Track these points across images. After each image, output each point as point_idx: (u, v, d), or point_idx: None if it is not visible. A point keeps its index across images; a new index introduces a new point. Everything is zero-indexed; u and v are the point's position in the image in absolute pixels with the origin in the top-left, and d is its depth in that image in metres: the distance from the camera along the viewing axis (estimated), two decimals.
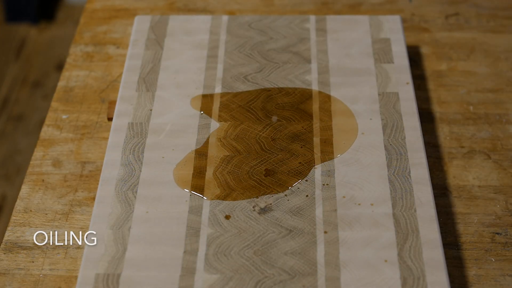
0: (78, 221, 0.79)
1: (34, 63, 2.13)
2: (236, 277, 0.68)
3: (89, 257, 0.69)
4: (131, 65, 0.88)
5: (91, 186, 0.83)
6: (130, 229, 0.72)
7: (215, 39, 0.92)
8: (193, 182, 0.76)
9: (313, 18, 0.95)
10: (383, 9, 1.07)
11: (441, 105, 0.92)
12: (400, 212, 0.73)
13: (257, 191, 0.75)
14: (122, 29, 1.04)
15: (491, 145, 0.87)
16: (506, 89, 0.94)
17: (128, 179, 0.76)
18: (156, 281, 0.68)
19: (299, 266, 0.69)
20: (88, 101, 0.93)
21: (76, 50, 1.01)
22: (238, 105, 0.84)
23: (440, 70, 0.97)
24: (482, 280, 0.74)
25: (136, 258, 0.69)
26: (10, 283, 0.74)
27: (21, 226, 0.79)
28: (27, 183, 0.83)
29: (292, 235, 0.71)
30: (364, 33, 0.92)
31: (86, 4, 1.09)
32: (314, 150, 0.79)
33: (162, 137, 0.80)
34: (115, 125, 0.82)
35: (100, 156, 0.86)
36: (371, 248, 0.70)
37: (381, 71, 0.87)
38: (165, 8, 1.08)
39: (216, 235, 0.71)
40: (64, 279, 0.74)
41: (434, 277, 0.67)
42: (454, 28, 1.04)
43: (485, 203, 0.81)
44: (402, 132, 0.80)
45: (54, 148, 0.87)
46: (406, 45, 0.91)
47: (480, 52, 1.00)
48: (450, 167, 0.85)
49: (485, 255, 0.76)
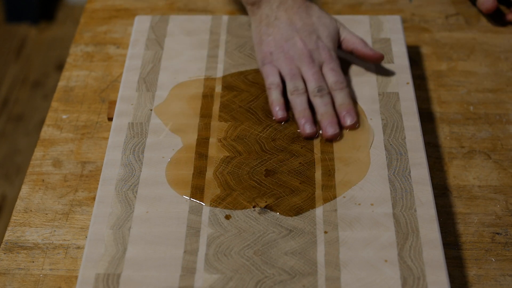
0: (78, 221, 0.79)
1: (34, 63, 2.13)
2: (236, 277, 0.68)
3: (89, 257, 0.69)
4: (131, 65, 0.88)
5: (91, 186, 0.83)
6: (130, 229, 0.72)
7: (215, 39, 0.92)
8: (193, 182, 0.76)
9: None
10: (383, 9, 1.07)
11: (441, 105, 0.92)
12: (400, 212, 0.73)
13: (257, 191, 0.75)
14: (122, 29, 1.04)
15: (491, 145, 0.87)
16: (506, 89, 0.94)
17: (128, 179, 0.76)
18: (156, 281, 0.68)
19: (299, 266, 0.69)
20: (88, 101, 0.93)
21: (76, 50, 1.01)
22: (238, 106, 0.84)
23: (440, 70, 0.97)
24: (482, 280, 0.74)
25: (136, 258, 0.69)
26: (10, 283, 0.74)
27: (21, 226, 0.79)
28: (27, 183, 0.83)
29: (292, 235, 0.71)
30: (364, 33, 0.92)
31: (86, 4, 1.09)
32: (314, 150, 0.79)
33: (162, 137, 0.80)
34: (115, 125, 0.82)
35: (100, 156, 0.86)
36: (371, 248, 0.70)
37: (381, 71, 0.87)
38: (165, 8, 1.08)
39: (216, 235, 0.71)
40: (64, 279, 0.74)
41: (434, 277, 0.67)
42: (454, 28, 1.04)
43: (485, 203, 0.81)
44: (402, 132, 0.80)
45: (54, 148, 0.87)
46: (406, 45, 0.91)
47: (480, 52, 1.00)
48: (450, 167, 0.85)
49: (485, 255, 0.76)
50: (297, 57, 0.84)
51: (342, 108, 0.81)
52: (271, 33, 0.86)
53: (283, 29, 0.86)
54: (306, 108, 0.81)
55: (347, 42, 0.87)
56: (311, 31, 0.86)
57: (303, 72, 0.84)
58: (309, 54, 0.84)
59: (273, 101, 0.82)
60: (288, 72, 0.84)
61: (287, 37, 0.85)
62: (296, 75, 0.84)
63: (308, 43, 0.85)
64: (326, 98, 0.82)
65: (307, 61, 0.84)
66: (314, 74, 0.83)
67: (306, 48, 0.84)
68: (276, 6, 0.87)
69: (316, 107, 0.82)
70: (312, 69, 0.83)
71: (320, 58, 0.84)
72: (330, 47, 0.85)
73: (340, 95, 0.82)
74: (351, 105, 0.81)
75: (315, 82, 0.83)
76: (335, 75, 0.83)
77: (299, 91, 0.82)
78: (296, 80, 0.83)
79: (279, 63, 0.85)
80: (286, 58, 0.84)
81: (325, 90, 0.82)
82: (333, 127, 0.79)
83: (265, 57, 0.86)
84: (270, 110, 0.82)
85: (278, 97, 0.82)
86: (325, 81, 0.83)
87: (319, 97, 0.82)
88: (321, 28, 0.86)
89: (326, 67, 0.84)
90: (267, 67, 0.85)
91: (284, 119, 0.81)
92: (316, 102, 0.82)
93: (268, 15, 0.87)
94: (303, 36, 0.85)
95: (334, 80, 0.83)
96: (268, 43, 0.86)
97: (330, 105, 0.81)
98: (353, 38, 0.87)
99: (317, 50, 0.84)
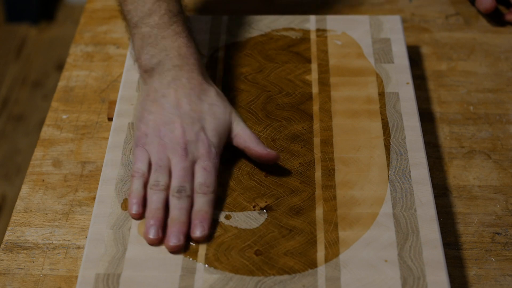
0: (78, 221, 0.79)
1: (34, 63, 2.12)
2: (236, 277, 0.68)
3: (89, 257, 0.69)
4: (131, 65, 0.88)
5: (91, 186, 0.83)
6: (130, 229, 0.72)
7: (215, 39, 0.92)
8: None
9: (313, 18, 0.95)
10: (383, 9, 1.07)
11: (441, 105, 0.92)
12: (400, 212, 0.73)
13: (257, 191, 0.75)
14: (122, 29, 1.04)
15: (491, 145, 0.87)
16: (506, 89, 0.94)
17: (128, 179, 0.76)
18: (156, 281, 0.68)
19: (299, 266, 0.69)
20: (88, 101, 0.93)
21: (76, 50, 1.01)
22: (239, 106, 0.84)
23: (440, 70, 0.97)
24: (482, 280, 0.74)
25: (136, 258, 0.69)
26: (10, 283, 0.74)
27: (21, 226, 0.79)
28: (27, 183, 0.83)
29: (292, 235, 0.71)
30: (364, 33, 0.92)
31: (86, 4, 1.09)
32: (314, 150, 0.79)
33: None
34: (115, 125, 0.82)
35: (100, 156, 0.86)
36: (371, 248, 0.70)
37: (381, 71, 0.87)
38: None
39: (216, 235, 0.71)
40: (64, 279, 0.74)
41: (434, 277, 0.67)
42: (454, 28, 1.04)
43: (485, 203, 0.81)
44: (402, 132, 0.80)
45: (54, 148, 0.87)
46: (406, 45, 0.91)
47: (480, 52, 1.00)
48: (450, 167, 0.85)
49: (485, 255, 0.76)
50: (170, 146, 0.74)
51: (197, 215, 0.71)
52: (153, 111, 0.76)
53: (167, 110, 0.76)
54: (159, 209, 0.72)
55: (239, 139, 0.77)
56: (195, 119, 0.75)
57: (172, 165, 0.74)
58: (184, 145, 0.74)
59: (132, 191, 0.73)
60: (156, 162, 0.74)
61: (167, 121, 0.75)
62: (162, 167, 0.74)
63: (188, 132, 0.75)
64: (184, 202, 0.72)
65: (179, 153, 0.74)
66: (181, 170, 0.73)
67: (183, 138, 0.74)
68: (167, 81, 0.77)
69: (170, 208, 0.72)
70: (181, 164, 0.73)
71: (196, 152, 0.74)
72: (213, 142, 0.75)
73: (201, 200, 0.72)
74: (208, 214, 0.72)
75: (178, 180, 0.73)
76: (205, 176, 0.73)
77: (159, 187, 0.73)
78: (160, 172, 0.73)
79: (151, 148, 0.75)
80: (159, 145, 0.74)
81: (185, 192, 0.72)
82: (177, 237, 0.70)
83: (140, 138, 0.76)
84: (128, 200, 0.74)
85: (139, 188, 0.73)
86: (191, 180, 0.73)
87: (176, 198, 0.72)
88: (209, 118, 0.76)
89: (199, 164, 0.74)
90: (138, 150, 0.75)
91: (138, 216, 0.72)
92: (172, 203, 0.72)
93: (156, 90, 0.77)
94: (184, 123, 0.75)
95: (201, 181, 0.73)
96: (147, 123, 0.76)
97: (185, 210, 0.72)
98: (246, 135, 0.77)
99: (196, 143, 0.74)
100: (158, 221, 0.71)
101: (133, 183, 0.73)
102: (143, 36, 0.79)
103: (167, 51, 0.78)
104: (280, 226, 0.72)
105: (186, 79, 0.78)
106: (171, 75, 0.78)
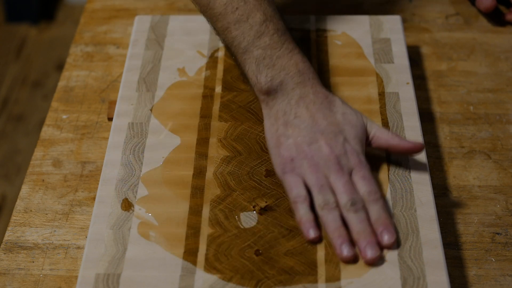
0: (78, 221, 0.79)
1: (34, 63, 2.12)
2: (236, 277, 0.68)
3: (89, 257, 0.69)
4: (131, 65, 0.88)
5: (91, 186, 0.83)
6: (130, 229, 0.72)
7: (215, 39, 0.92)
8: (193, 182, 0.76)
9: (313, 18, 0.95)
10: (383, 9, 1.07)
11: (441, 105, 0.92)
12: (400, 212, 0.73)
13: (257, 192, 0.75)
14: (122, 29, 1.04)
15: (491, 145, 0.87)
16: (506, 89, 0.94)
17: (128, 179, 0.76)
18: (156, 281, 0.68)
19: (299, 266, 0.69)
20: (88, 101, 0.93)
21: (76, 50, 1.01)
22: (239, 106, 0.84)
23: (440, 70, 0.97)
24: (482, 280, 0.74)
25: (136, 258, 0.69)
26: (10, 283, 0.74)
27: (21, 226, 0.79)
28: (27, 183, 0.83)
29: (292, 235, 0.71)
30: (364, 33, 0.92)
31: (86, 4, 1.09)
32: None
33: (162, 137, 0.80)
34: (115, 125, 0.82)
35: (100, 156, 0.86)
36: None
37: (381, 71, 0.87)
38: (165, 8, 1.08)
39: (216, 235, 0.71)
40: (64, 279, 0.74)
41: (434, 277, 0.67)
42: (454, 28, 1.04)
43: (485, 203, 0.81)
44: (402, 132, 0.80)
45: (54, 148, 0.87)
46: (406, 45, 0.91)
47: (480, 52, 1.00)
48: (450, 167, 0.85)
49: (485, 255, 0.76)
50: (323, 164, 0.73)
51: (378, 223, 0.70)
52: (291, 135, 0.74)
53: (305, 130, 0.74)
54: (341, 226, 0.70)
55: (378, 140, 0.76)
56: (336, 133, 0.74)
57: (332, 182, 0.72)
58: (336, 160, 0.73)
59: (302, 217, 0.71)
60: (315, 183, 0.72)
61: (309, 141, 0.74)
62: (324, 186, 0.72)
63: (335, 147, 0.73)
64: (361, 214, 0.70)
65: (335, 168, 0.72)
66: (345, 185, 0.72)
67: (333, 154, 0.73)
68: (295, 101, 0.76)
69: (350, 224, 0.70)
70: (342, 179, 0.72)
71: (349, 164, 0.73)
72: (359, 150, 0.74)
73: (375, 207, 0.71)
74: (388, 219, 0.71)
75: (347, 194, 0.71)
76: (367, 184, 0.72)
77: (330, 205, 0.71)
78: (325, 192, 0.72)
79: (302, 171, 0.73)
80: (310, 166, 0.73)
81: (359, 204, 0.71)
82: (373, 248, 0.68)
83: (286, 164, 0.74)
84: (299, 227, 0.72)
85: (307, 212, 0.71)
86: (357, 192, 0.72)
87: (353, 212, 0.70)
88: (347, 128, 0.75)
89: (356, 174, 0.73)
90: (289, 177, 0.73)
91: (317, 239, 0.70)
92: (350, 218, 0.70)
93: (285, 112, 0.76)
94: (328, 139, 0.74)
95: (367, 190, 0.72)
96: (288, 147, 0.74)
97: (366, 221, 0.70)
98: (385, 134, 0.76)
99: (345, 155, 0.73)
100: (345, 238, 0.69)
101: (299, 209, 0.72)
102: (257, 60, 0.77)
103: (286, 70, 0.77)
104: (280, 226, 0.72)
105: (313, 94, 0.76)
106: (298, 94, 0.76)
